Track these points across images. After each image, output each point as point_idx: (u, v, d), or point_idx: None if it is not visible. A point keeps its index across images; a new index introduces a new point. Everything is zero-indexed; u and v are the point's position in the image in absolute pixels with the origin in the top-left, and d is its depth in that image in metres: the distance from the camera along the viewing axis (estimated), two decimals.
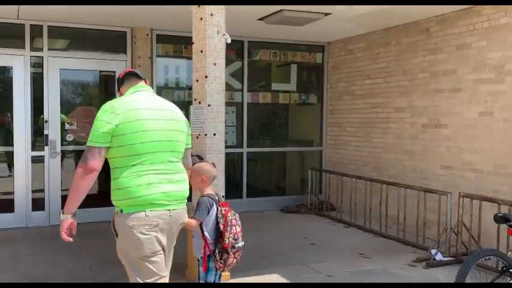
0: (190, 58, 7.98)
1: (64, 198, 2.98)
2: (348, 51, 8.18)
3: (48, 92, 7.07)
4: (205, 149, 4.91)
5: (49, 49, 7.06)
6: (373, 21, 6.85)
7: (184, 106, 7.88)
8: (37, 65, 7.09)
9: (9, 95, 6.91)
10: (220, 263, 3.45)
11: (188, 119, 3.33)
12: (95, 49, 7.43)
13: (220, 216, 3.47)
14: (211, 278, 3.55)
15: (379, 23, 6.99)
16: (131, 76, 3.14)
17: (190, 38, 4.99)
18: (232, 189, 7.88)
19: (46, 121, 7.04)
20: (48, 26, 6.99)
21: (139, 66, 7.38)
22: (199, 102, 4.98)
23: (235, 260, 3.46)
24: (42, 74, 7.05)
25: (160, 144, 2.89)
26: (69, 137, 7.30)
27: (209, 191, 3.58)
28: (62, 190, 7.08)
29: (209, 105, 4.89)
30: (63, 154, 7.26)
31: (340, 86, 8.38)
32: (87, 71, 7.46)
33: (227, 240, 3.40)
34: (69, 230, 2.86)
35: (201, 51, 4.90)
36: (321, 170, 8.51)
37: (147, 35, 7.45)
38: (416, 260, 5.58)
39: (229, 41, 4.76)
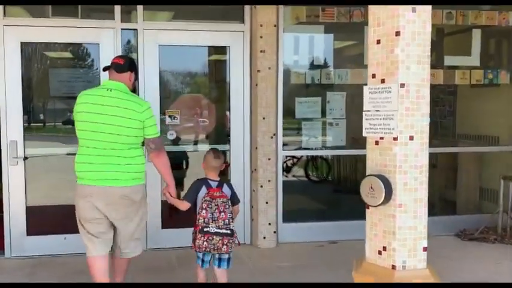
0: (329, 25, 5.79)
1: None
2: None
3: (144, 76, 5.32)
4: (395, 162, 2.84)
5: (144, 20, 5.33)
6: None
7: (320, 92, 5.81)
8: (130, 42, 5.42)
9: (96, 81, 5.27)
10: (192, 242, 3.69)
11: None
12: (203, 18, 5.57)
13: (203, 199, 3.63)
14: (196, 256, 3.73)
15: None
16: (112, 68, 3.67)
17: None
18: None
19: None
20: None
21: (261, 37, 5.39)
22: (382, 81, 2.86)
23: (206, 243, 3.55)
24: (136, 52, 5.34)
25: (100, 134, 3.48)
26: (171, 135, 5.57)
27: (210, 175, 3.75)
28: None
29: (402, 86, 2.77)
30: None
31: None
32: (192, 46, 5.63)
33: (197, 221, 3.61)
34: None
35: None
36: None
37: None
38: None
39: None
